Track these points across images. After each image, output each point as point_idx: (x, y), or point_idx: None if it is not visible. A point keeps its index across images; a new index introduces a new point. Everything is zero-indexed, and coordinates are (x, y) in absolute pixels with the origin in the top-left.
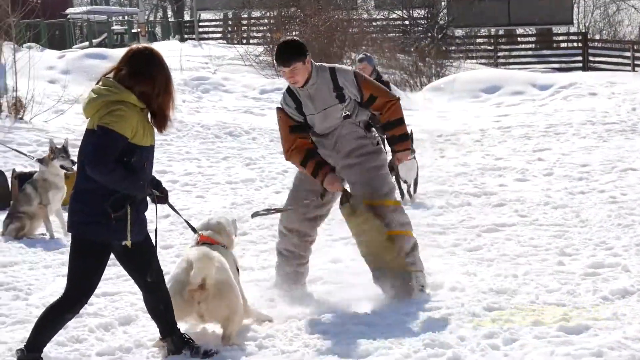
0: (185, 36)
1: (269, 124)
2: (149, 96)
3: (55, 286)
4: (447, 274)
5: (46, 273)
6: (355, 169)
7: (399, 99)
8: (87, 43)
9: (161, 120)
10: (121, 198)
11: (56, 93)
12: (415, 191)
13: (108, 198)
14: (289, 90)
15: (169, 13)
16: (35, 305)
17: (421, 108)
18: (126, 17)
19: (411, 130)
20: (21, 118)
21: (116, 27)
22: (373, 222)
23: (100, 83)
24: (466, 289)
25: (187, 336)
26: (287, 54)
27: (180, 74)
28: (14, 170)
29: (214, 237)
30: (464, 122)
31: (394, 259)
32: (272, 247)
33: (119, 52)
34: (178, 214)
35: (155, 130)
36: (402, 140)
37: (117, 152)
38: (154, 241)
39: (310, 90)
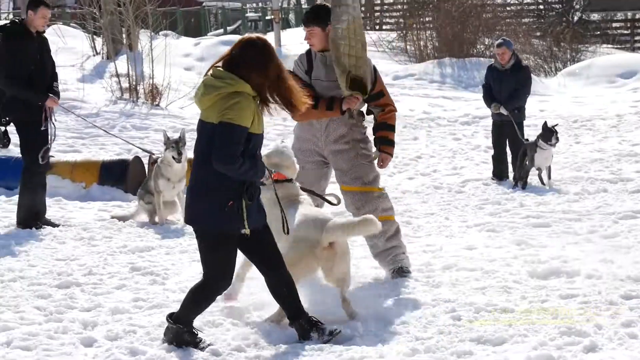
0: None
1: (402, 110)
2: (261, 85)
3: (191, 271)
4: (583, 261)
5: (182, 258)
6: (343, 155)
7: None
8: (221, 30)
9: (290, 106)
10: (241, 186)
11: (192, 80)
12: (549, 177)
13: (226, 189)
14: (307, 53)
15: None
16: (172, 290)
17: (556, 93)
18: (260, 4)
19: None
20: (157, 105)
21: (250, 14)
22: None
23: (211, 73)
24: (603, 276)
25: (314, 318)
26: (311, 15)
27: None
28: (150, 156)
29: (285, 172)
30: (600, 107)
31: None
32: (406, 233)
33: None
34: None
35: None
36: (391, 145)
37: (242, 145)
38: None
39: (330, 58)
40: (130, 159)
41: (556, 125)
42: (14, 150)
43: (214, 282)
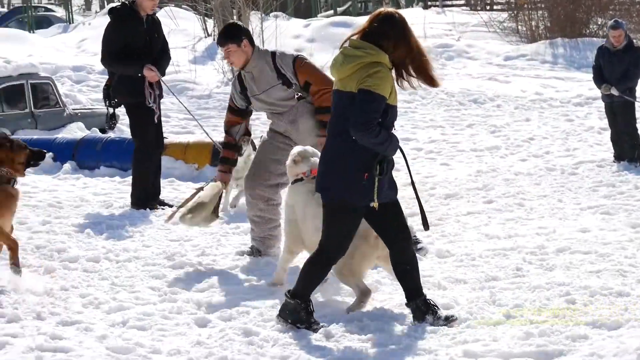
0: (429, 3)
1: (514, 91)
2: (402, 58)
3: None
4: None
5: None
6: (309, 142)
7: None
8: (331, 12)
9: (428, 78)
10: (374, 159)
11: None
12: None
13: (361, 161)
14: (238, 76)
15: None
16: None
17: None
18: None
19: None
20: None
21: None
22: None
23: (349, 44)
24: None
25: (432, 301)
26: (222, 36)
27: (424, 42)
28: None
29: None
30: None
31: None
32: (519, 215)
33: (363, 20)
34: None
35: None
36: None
37: (380, 114)
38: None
39: (254, 71)
40: None
41: None
42: (127, 131)
43: (331, 253)
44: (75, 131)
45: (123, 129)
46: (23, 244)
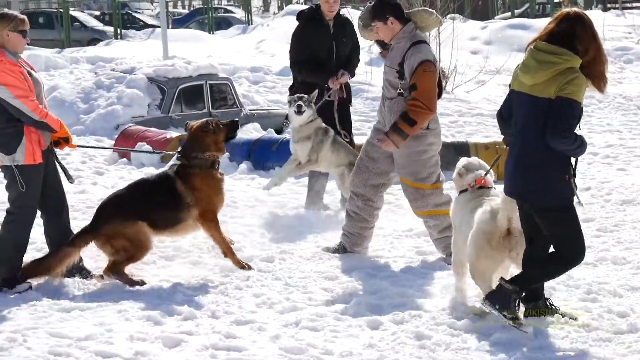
0: (608, 5)
1: None
2: (592, 61)
3: None
4: None
5: None
6: (399, 150)
7: (430, 110)
8: (508, 14)
9: (603, 82)
10: (567, 162)
11: (478, 64)
12: None
13: (561, 164)
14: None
15: None
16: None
17: None
18: None
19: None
20: (444, 88)
21: None
22: None
23: (540, 48)
24: None
25: (551, 302)
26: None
27: (602, 45)
28: None
29: (488, 180)
30: None
31: None
32: None
33: (541, 23)
34: None
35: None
36: (396, 132)
37: (578, 120)
38: None
39: (394, 46)
40: None
41: None
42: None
43: (569, 254)
44: (251, 132)
45: None
46: (199, 242)
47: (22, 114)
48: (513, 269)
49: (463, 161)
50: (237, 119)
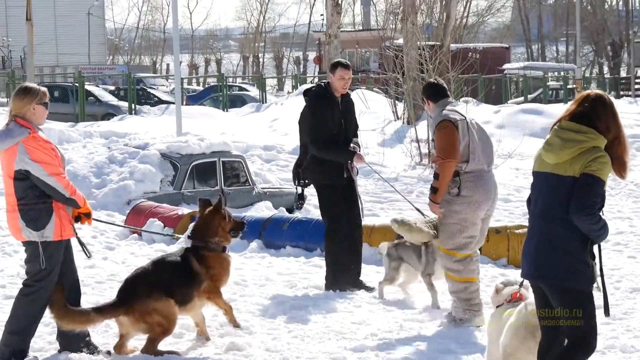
0: (621, 92)
1: None
2: (612, 142)
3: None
4: None
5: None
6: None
7: (447, 158)
8: (522, 98)
9: (623, 167)
10: (585, 245)
11: None
12: None
13: (580, 246)
14: None
15: (605, 69)
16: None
17: None
18: (562, 73)
19: None
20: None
21: (552, 83)
22: None
23: (566, 127)
24: None
25: None
26: (424, 92)
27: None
28: None
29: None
30: None
31: None
32: None
33: (554, 108)
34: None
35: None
36: (432, 190)
37: (601, 198)
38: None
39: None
40: None
41: None
42: (314, 212)
43: (586, 339)
44: (263, 210)
45: (309, 209)
46: (208, 320)
47: (55, 190)
48: None
49: (501, 280)
50: (245, 221)
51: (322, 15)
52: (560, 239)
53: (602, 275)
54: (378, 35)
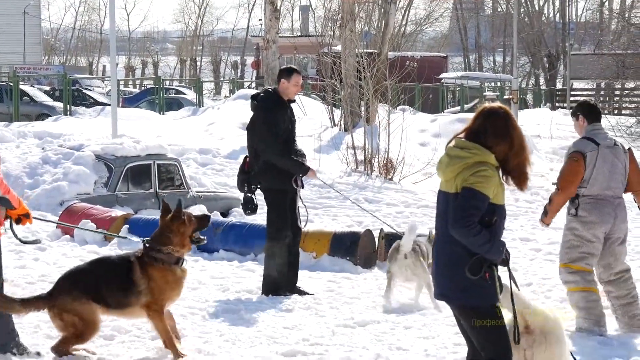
0: (557, 104)
1: None
2: (506, 155)
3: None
4: None
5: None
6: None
7: (560, 188)
8: (458, 107)
9: (522, 179)
10: (479, 261)
11: (426, 156)
12: None
13: (468, 261)
14: None
15: (541, 81)
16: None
17: None
18: (499, 84)
19: None
20: (390, 179)
21: (488, 93)
22: None
23: (454, 144)
24: None
25: None
26: None
27: (549, 142)
28: (381, 230)
29: None
30: None
31: None
32: None
33: None
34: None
35: (516, 189)
36: (544, 214)
37: (481, 213)
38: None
39: None
40: (361, 232)
41: None
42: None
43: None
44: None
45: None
46: (140, 322)
47: None
48: None
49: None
50: (209, 214)
51: (260, 20)
52: (458, 258)
53: (512, 296)
54: (316, 42)
